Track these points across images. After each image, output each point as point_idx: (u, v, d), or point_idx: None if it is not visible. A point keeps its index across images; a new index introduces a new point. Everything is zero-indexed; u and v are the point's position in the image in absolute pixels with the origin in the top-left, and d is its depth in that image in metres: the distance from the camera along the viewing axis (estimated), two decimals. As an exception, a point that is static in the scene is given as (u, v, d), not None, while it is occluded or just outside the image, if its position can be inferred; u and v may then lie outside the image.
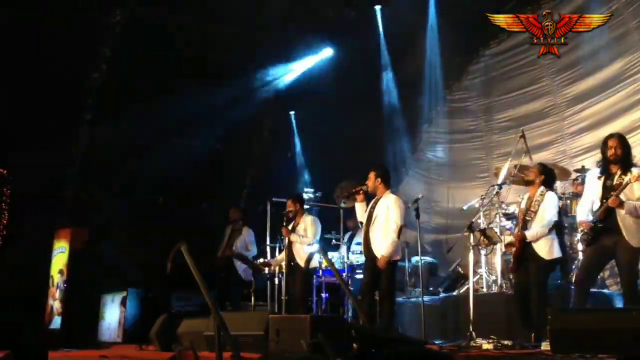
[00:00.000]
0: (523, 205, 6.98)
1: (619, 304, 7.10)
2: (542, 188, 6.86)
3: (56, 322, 9.84)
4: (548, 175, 7.03)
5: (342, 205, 9.54)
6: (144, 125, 10.56)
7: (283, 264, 8.82)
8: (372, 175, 7.60)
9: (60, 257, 10.11)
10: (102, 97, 10.44)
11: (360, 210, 7.70)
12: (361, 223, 7.78)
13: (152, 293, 9.76)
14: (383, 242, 7.27)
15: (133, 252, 10.28)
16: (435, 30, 10.95)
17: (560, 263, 7.37)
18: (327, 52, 11.60)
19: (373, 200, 7.61)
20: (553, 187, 7.13)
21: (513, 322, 7.08)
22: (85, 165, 10.75)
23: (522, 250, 6.71)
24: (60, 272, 10.02)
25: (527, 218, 6.73)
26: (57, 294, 9.94)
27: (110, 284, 9.93)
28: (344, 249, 9.61)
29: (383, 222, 7.35)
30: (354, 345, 4.52)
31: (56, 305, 9.91)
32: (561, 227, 7.36)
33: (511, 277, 7.93)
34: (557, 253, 6.76)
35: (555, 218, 6.85)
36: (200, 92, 10.48)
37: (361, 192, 7.64)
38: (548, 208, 6.74)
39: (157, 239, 10.16)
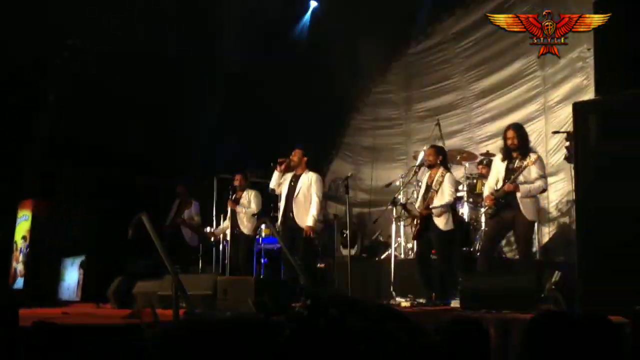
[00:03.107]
0: (424, 184, 7.12)
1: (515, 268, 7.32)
2: (442, 169, 7.02)
3: (19, 283, 9.52)
4: (445, 156, 7.22)
5: None
6: (101, 103, 10.22)
7: (227, 231, 8.78)
8: (299, 152, 7.49)
9: (23, 224, 9.76)
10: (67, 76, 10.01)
11: (276, 179, 7.53)
12: (272, 190, 7.65)
13: (108, 257, 9.56)
14: (305, 213, 7.26)
15: (91, 220, 10.01)
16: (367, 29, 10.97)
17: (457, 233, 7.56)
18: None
19: (293, 175, 7.49)
20: (448, 165, 7.27)
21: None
22: (47, 141, 10.33)
23: (424, 223, 6.85)
24: (24, 238, 9.68)
25: (430, 195, 6.87)
26: (20, 258, 9.60)
27: (69, 248, 9.67)
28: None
29: (305, 195, 7.32)
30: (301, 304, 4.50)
31: (19, 267, 9.58)
32: (456, 203, 7.52)
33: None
34: (451, 225, 6.95)
35: (454, 196, 7.06)
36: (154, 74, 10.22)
37: (284, 164, 7.50)
38: (448, 187, 6.91)
39: (113, 209, 9.94)
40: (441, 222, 6.82)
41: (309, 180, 7.36)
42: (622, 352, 2.26)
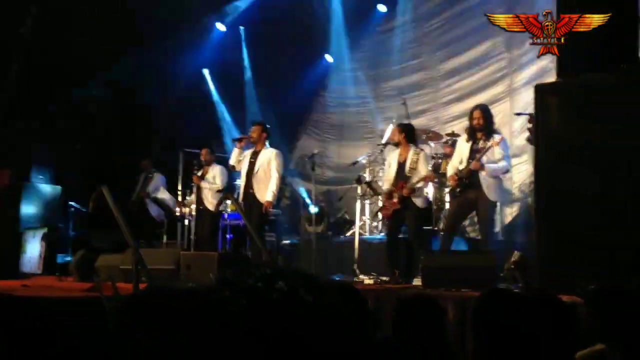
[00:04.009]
0: (395, 162, 7.07)
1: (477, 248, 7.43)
2: (414, 147, 7.03)
3: (-22, 255, 9.33)
4: (409, 132, 7.16)
5: None
6: (62, 72, 10.01)
7: (193, 207, 8.75)
8: (258, 128, 7.49)
9: (-17, 195, 9.55)
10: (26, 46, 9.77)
11: (235, 155, 7.57)
12: (232, 167, 7.70)
13: (71, 230, 9.44)
14: (265, 190, 7.25)
15: (54, 191, 9.86)
16: (340, 8, 10.99)
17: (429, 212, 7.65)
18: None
19: (252, 151, 7.48)
20: (416, 141, 7.28)
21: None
22: (6, 110, 10.10)
23: (402, 201, 6.91)
24: (-17, 209, 9.48)
25: (409, 175, 6.86)
26: (-20, 229, 9.40)
27: (32, 221, 9.52)
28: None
29: (265, 171, 7.30)
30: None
31: (-22, 239, 9.39)
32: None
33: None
34: (426, 203, 7.03)
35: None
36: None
37: (243, 140, 7.55)
38: (425, 165, 6.96)
39: (75, 182, 9.80)
40: (419, 201, 6.86)
41: (268, 157, 7.34)
42: (575, 332, 2.32)
